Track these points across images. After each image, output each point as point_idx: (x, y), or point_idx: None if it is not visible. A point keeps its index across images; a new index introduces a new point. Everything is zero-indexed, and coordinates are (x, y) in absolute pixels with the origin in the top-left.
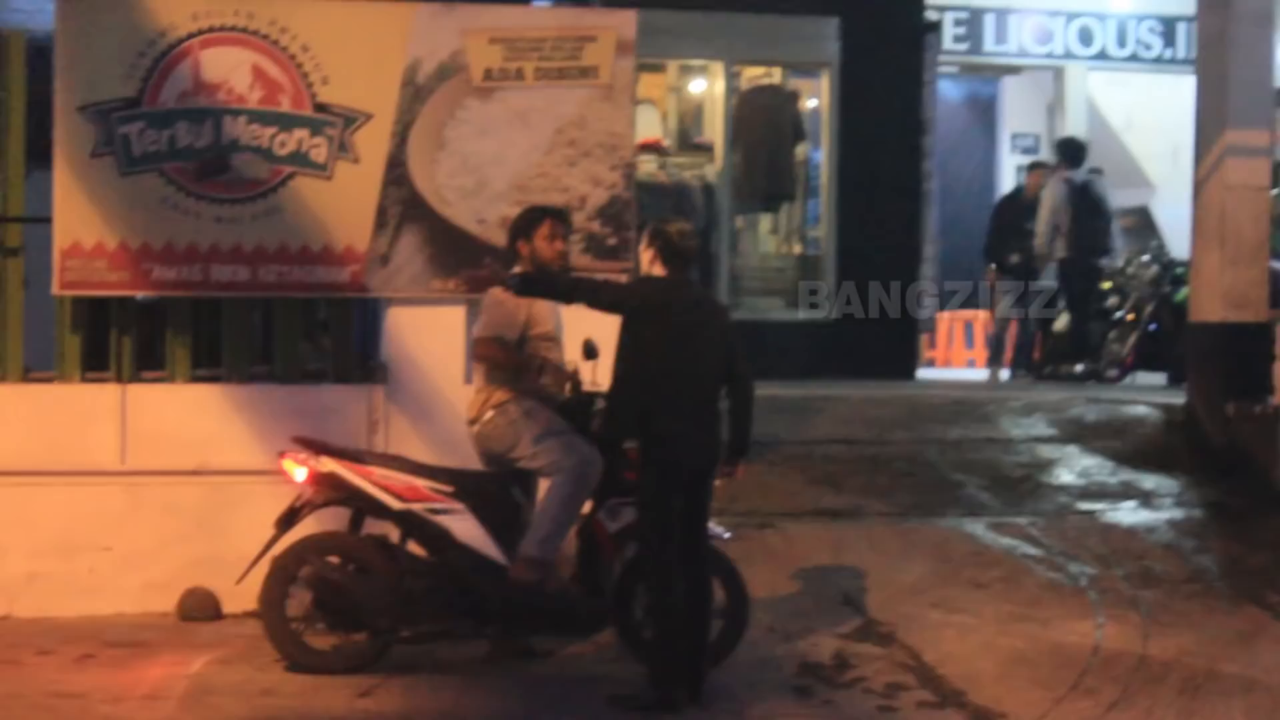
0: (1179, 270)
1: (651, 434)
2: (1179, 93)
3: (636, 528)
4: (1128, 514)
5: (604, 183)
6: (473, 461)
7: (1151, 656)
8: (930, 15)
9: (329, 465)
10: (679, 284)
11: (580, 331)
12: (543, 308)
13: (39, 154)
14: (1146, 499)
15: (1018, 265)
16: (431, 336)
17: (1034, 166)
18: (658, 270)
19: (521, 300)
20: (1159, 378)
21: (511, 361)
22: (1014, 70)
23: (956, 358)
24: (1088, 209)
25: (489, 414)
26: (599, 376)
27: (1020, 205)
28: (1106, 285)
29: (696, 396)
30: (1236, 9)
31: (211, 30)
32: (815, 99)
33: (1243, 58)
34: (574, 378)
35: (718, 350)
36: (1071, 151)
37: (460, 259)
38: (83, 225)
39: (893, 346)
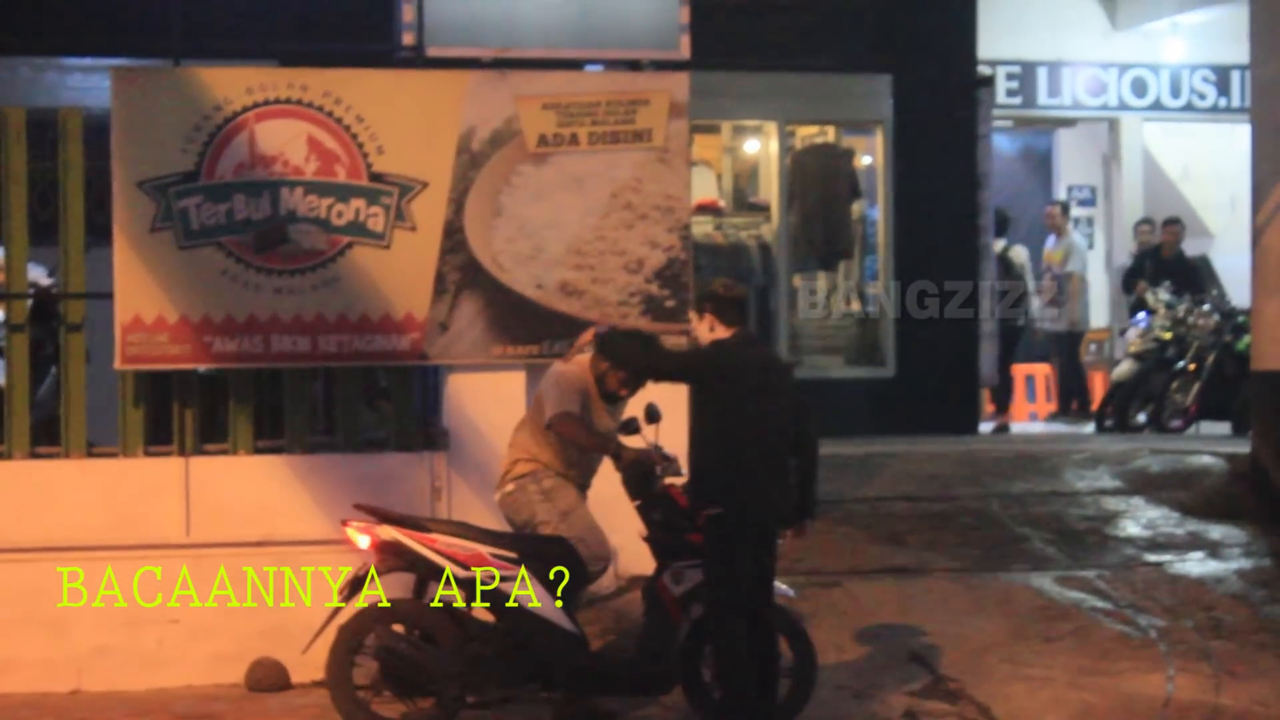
0: (1240, 319)
1: (724, 496)
2: (1235, 142)
3: (704, 588)
4: (1196, 565)
5: (661, 245)
6: None
7: (1224, 708)
8: (983, 69)
9: (391, 533)
10: (745, 344)
11: (644, 395)
12: (599, 412)
13: (98, 229)
14: (1214, 549)
15: None
16: (492, 402)
17: (1168, 223)
18: (720, 332)
19: (584, 377)
20: (1223, 427)
21: (590, 441)
22: (1068, 123)
23: (1019, 411)
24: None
25: (509, 486)
26: (660, 439)
27: (1159, 261)
28: (1167, 335)
29: (767, 457)
30: None
31: (266, 103)
32: (870, 156)
33: None
34: (646, 460)
35: (786, 410)
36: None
37: (519, 324)
38: (143, 299)
39: (954, 402)
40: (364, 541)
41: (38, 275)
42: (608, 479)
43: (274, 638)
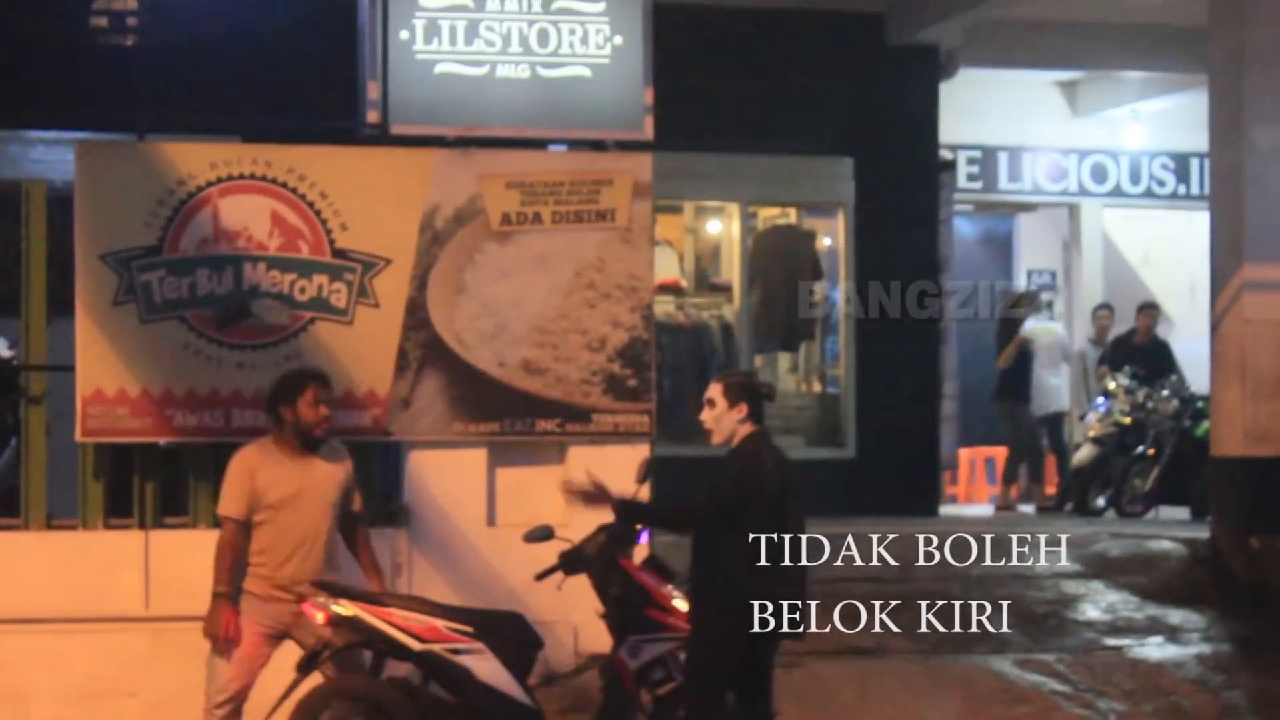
0: (1199, 404)
1: (739, 600)
2: (1195, 228)
3: (684, 687)
4: (1155, 649)
5: (624, 324)
6: (498, 604)
7: None
8: (944, 154)
9: (348, 608)
10: (765, 447)
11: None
12: (284, 470)
13: (60, 302)
14: (1173, 634)
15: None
16: (454, 479)
17: (1143, 308)
18: (746, 427)
19: (252, 457)
20: (1182, 512)
21: (215, 566)
22: (1029, 207)
23: (979, 494)
24: None
25: None
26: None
27: (1131, 346)
28: (1126, 420)
29: (792, 559)
30: (1250, 144)
31: (230, 179)
32: (831, 238)
33: (1257, 192)
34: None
35: (799, 509)
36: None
37: (482, 402)
38: (105, 372)
39: (914, 483)
40: (320, 616)
41: None
42: None
43: None
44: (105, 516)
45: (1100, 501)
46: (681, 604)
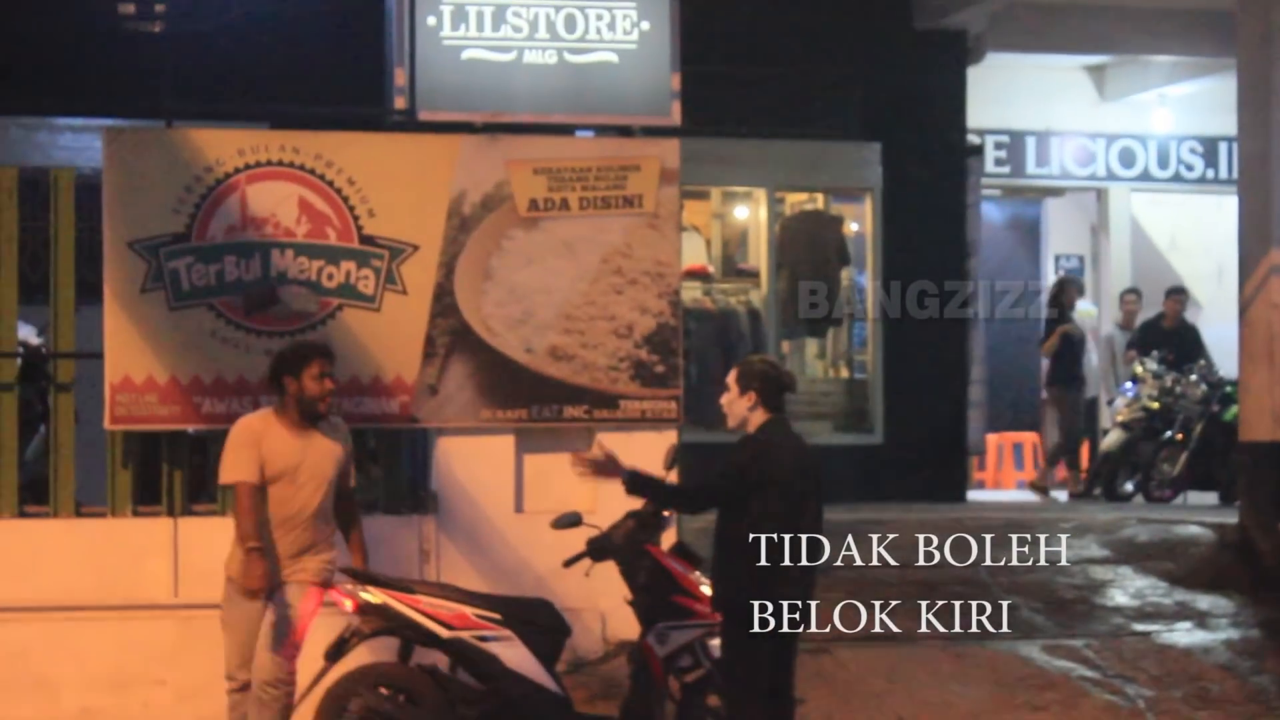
0: (1228, 389)
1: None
2: (1223, 212)
3: (721, 682)
4: (1183, 635)
5: (651, 310)
6: (526, 591)
7: None
8: (972, 139)
9: (377, 595)
10: (783, 433)
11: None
12: (285, 443)
13: (89, 289)
14: (1202, 619)
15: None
16: (481, 466)
17: (1171, 292)
18: (760, 416)
19: (253, 426)
20: (1210, 497)
21: (239, 527)
22: (1056, 192)
23: (1006, 479)
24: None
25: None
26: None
27: (1160, 331)
28: (1155, 405)
29: (793, 558)
30: (1278, 128)
31: (258, 165)
32: (859, 223)
33: None
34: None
35: (818, 500)
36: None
37: (509, 388)
38: (133, 360)
39: (942, 469)
40: (349, 603)
41: (28, 334)
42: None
43: None
44: (134, 504)
45: (1129, 487)
46: (709, 590)
